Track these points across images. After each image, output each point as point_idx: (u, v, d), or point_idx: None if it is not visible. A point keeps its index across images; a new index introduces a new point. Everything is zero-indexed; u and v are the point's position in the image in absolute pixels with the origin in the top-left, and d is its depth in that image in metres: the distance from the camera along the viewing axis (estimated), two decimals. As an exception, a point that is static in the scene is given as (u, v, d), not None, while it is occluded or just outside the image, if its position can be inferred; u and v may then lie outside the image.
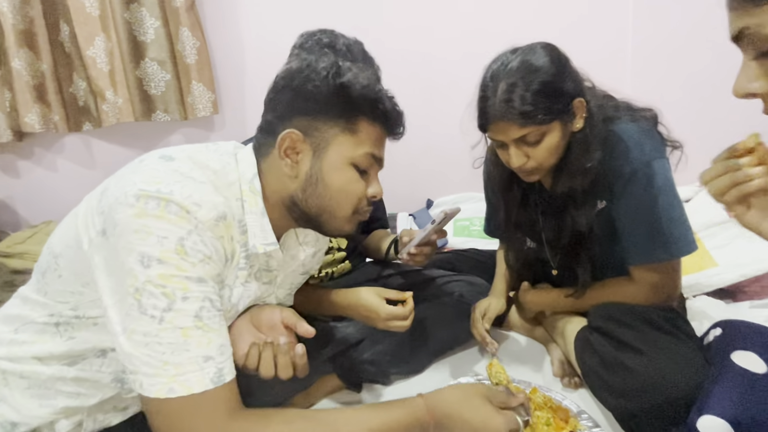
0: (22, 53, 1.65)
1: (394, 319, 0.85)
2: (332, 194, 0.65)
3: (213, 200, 0.56)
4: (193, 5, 1.69)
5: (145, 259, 0.51)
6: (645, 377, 0.72)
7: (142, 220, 0.51)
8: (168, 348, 0.51)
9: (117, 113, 1.74)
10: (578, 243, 0.88)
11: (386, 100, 0.67)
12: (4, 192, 1.85)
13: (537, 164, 0.81)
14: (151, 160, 0.58)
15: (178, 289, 0.52)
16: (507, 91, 0.77)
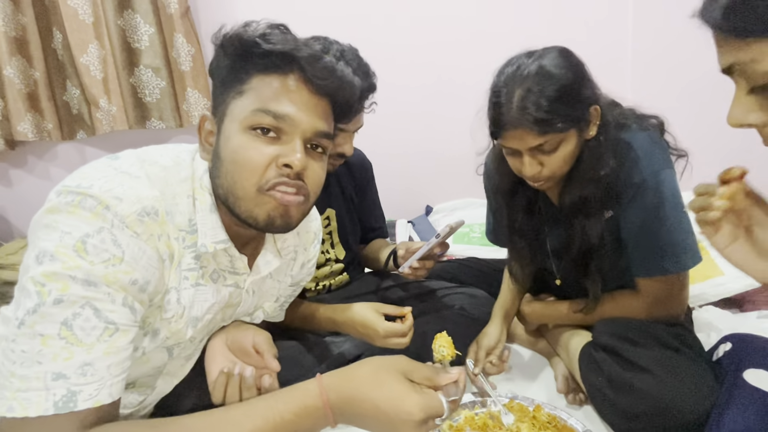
0: (14, 61, 1.63)
1: (393, 336, 0.82)
2: (227, 168, 0.55)
3: (140, 194, 0.51)
4: (188, 12, 1.67)
5: (40, 255, 0.46)
6: (654, 399, 0.69)
7: (53, 216, 0.48)
8: (20, 357, 0.44)
9: (111, 121, 1.72)
10: (586, 254, 0.85)
11: (269, 40, 0.54)
12: (-3, 201, 1.82)
13: (550, 173, 0.78)
14: (99, 160, 0.55)
15: (55, 290, 0.45)
16: (523, 98, 0.72)
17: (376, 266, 1.17)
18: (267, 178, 0.54)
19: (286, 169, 0.54)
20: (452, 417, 0.80)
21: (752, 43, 0.38)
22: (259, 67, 0.55)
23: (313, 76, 0.55)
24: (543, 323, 1.04)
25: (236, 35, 0.55)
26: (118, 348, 0.48)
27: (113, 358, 0.47)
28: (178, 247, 0.56)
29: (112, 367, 0.47)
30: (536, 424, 0.80)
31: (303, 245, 0.78)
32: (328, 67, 0.56)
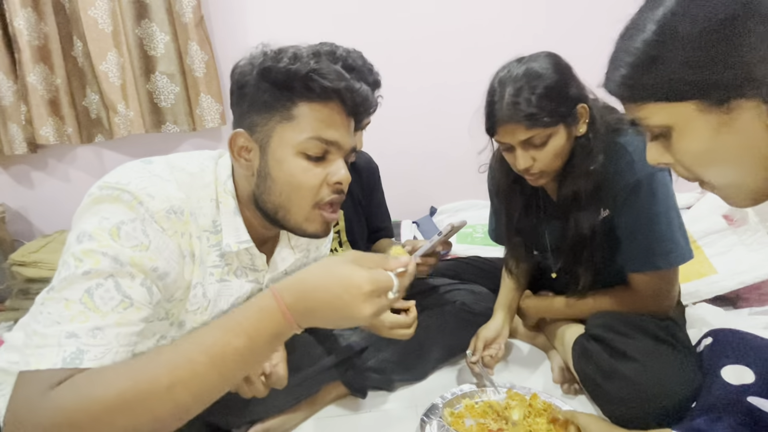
0: (37, 68, 1.71)
1: (398, 327, 0.87)
2: (281, 189, 0.62)
3: (170, 194, 0.57)
4: (202, 20, 1.74)
5: (81, 235, 0.52)
6: (640, 385, 0.74)
7: (96, 205, 0.54)
8: (44, 318, 0.48)
9: (128, 125, 1.79)
10: (580, 246, 0.90)
11: (326, 73, 0.59)
12: (19, 203, 1.90)
13: (543, 167, 0.84)
14: (133, 162, 0.61)
15: (87, 263, 0.49)
16: (514, 95, 0.80)
17: None
18: (321, 196, 0.63)
19: (337, 185, 0.63)
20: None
21: (642, 106, 0.47)
22: (305, 96, 0.61)
23: (351, 104, 0.63)
24: (541, 318, 1.08)
25: (286, 70, 0.59)
26: (129, 321, 0.51)
27: (123, 329, 0.50)
28: (200, 246, 0.61)
29: (120, 336, 0.50)
30: (532, 412, 0.85)
31: (316, 243, 0.84)
32: (363, 95, 0.64)
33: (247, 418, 0.85)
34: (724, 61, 0.41)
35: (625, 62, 0.46)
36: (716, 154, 0.45)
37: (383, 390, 1.01)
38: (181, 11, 1.71)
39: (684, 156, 0.48)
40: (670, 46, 0.43)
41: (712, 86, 0.42)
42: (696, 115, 0.44)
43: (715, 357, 0.74)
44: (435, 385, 1.03)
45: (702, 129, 0.44)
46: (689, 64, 0.42)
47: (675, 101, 0.45)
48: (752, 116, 0.42)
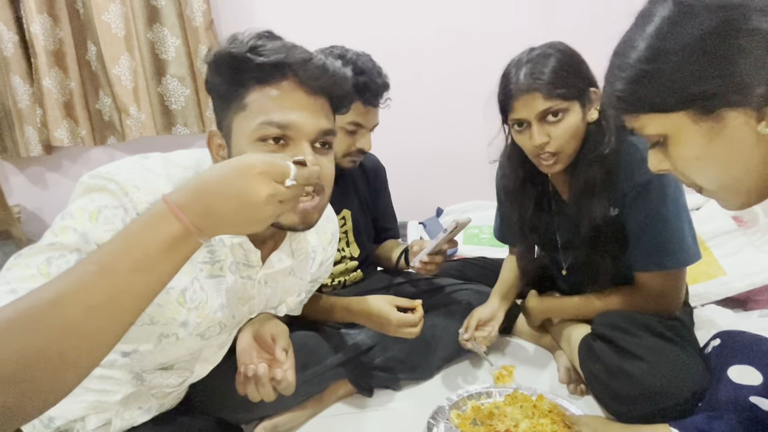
0: (52, 72, 1.75)
1: (405, 326, 0.88)
2: None
3: (156, 188, 0.55)
4: (212, 24, 1.77)
5: (64, 214, 0.54)
6: (646, 384, 0.74)
7: (83, 190, 0.56)
8: (0, 279, 0.48)
9: (140, 127, 1.83)
10: (593, 240, 0.90)
11: (267, 49, 0.56)
12: (34, 203, 1.95)
13: (558, 145, 0.83)
14: (131, 157, 0.61)
15: (56, 236, 0.50)
16: (531, 68, 0.82)
17: (387, 265, 1.24)
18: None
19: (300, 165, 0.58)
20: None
21: (638, 117, 0.50)
22: (255, 79, 0.57)
23: (307, 79, 0.57)
24: (547, 318, 1.09)
25: (227, 53, 0.57)
26: None
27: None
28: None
29: None
30: (536, 413, 0.86)
31: (321, 245, 0.84)
32: (319, 66, 0.58)
33: (256, 415, 0.86)
34: (711, 73, 0.44)
35: (620, 78, 0.49)
36: (708, 160, 0.48)
37: (390, 389, 1.02)
38: (191, 15, 1.74)
39: (679, 162, 0.50)
40: (660, 61, 0.46)
41: (701, 97, 0.45)
42: (688, 124, 0.47)
43: (722, 358, 0.74)
44: (441, 384, 1.04)
45: (694, 137, 0.47)
46: (679, 77, 0.45)
47: (668, 112, 0.47)
48: (740, 124, 0.44)
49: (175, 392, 0.75)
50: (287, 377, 0.65)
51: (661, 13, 0.46)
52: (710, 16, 0.43)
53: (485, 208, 1.90)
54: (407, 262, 1.12)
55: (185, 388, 0.79)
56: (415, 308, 0.90)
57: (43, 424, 0.66)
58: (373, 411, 0.97)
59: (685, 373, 0.73)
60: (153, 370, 0.69)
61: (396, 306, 0.90)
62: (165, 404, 0.75)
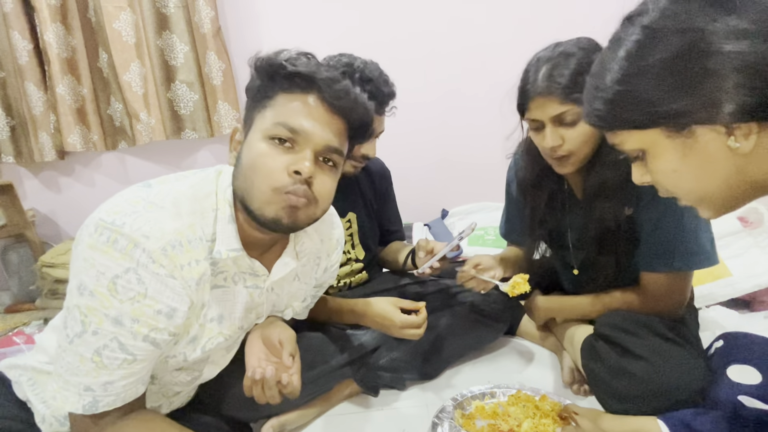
0: (65, 79, 1.79)
1: (409, 327, 0.90)
2: (245, 171, 0.62)
3: (163, 229, 0.58)
4: (219, 31, 1.80)
5: (82, 287, 0.56)
6: (647, 383, 0.74)
7: (91, 252, 0.56)
8: (66, 365, 0.58)
9: (150, 132, 1.86)
10: (605, 240, 0.89)
11: (301, 63, 0.62)
12: (48, 207, 1.99)
13: (571, 148, 0.82)
14: (133, 188, 0.63)
15: (94, 323, 0.56)
16: (550, 69, 0.80)
17: (393, 267, 1.25)
18: (281, 183, 0.60)
19: (296, 175, 0.60)
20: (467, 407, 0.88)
21: (617, 133, 0.53)
22: (284, 86, 0.63)
23: (329, 96, 0.62)
24: (551, 318, 1.09)
25: (268, 58, 0.64)
26: (134, 372, 0.60)
27: (130, 378, 0.60)
28: (204, 267, 0.62)
29: (128, 385, 0.60)
30: (537, 413, 0.86)
31: (326, 251, 0.85)
32: (343, 88, 0.63)
33: (264, 413, 0.88)
34: (680, 93, 0.46)
35: (598, 98, 0.52)
36: (684, 173, 0.50)
37: (395, 389, 1.03)
38: (199, 22, 1.77)
39: (657, 175, 0.53)
40: (632, 83, 0.49)
41: (672, 115, 0.47)
42: (663, 139, 0.49)
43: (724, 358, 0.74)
44: (445, 385, 1.05)
45: (669, 151, 0.50)
46: (650, 97, 0.47)
47: (643, 128, 0.50)
48: (711, 139, 0.46)
49: (184, 391, 0.77)
50: (293, 382, 0.67)
51: (631, 37, 0.48)
52: (676, 40, 0.45)
53: (490, 210, 1.91)
54: (414, 263, 1.14)
55: (194, 388, 0.81)
56: (418, 310, 0.91)
57: (59, 423, 0.69)
58: (378, 410, 0.98)
59: (686, 373, 0.74)
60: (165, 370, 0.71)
61: (400, 307, 0.91)
62: (175, 402, 0.78)
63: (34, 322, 1.62)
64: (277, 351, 0.72)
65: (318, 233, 0.82)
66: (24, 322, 1.63)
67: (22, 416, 0.70)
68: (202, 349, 0.68)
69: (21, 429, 0.69)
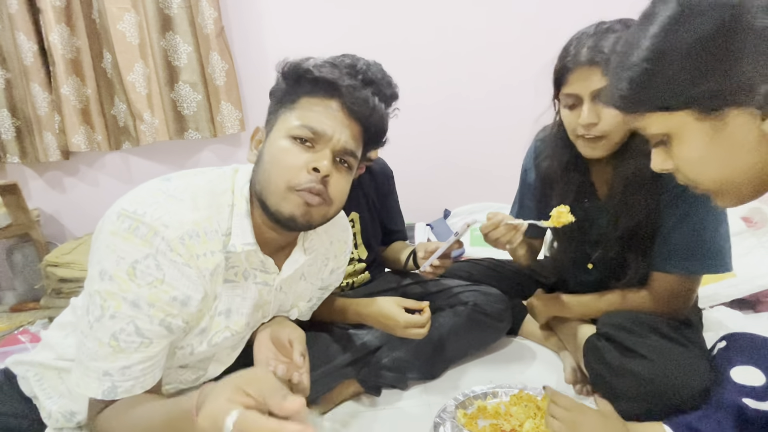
0: (70, 80, 1.81)
1: (413, 327, 0.90)
2: (265, 167, 0.65)
3: (182, 219, 0.60)
4: (222, 31, 1.81)
5: (102, 273, 0.58)
6: (650, 382, 0.74)
7: (112, 238, 0.58)
8: (87, 351, 0.60)
9: (153, 133, 1.87)
10: (625, 237, 0.87)
11: (327, 70, 0.66)
12: (52, 207, 2.01)
13: (606, 128, 0.79)
14: (154, 181, 0.65)
15: (112, 307, 0.57)
16: (595, 41, 0.76)
17: (396, 266, 1.25)
18: (299, 180, 0.63)
19: (314, 173, 0.63)
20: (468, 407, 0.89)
21: (642, 116, 0.51)
22: (308, 90, 0.66)
23: (350, 103, 0.66)
24: (553, 317, 1.09)
25: (295, 64, 0.67)
26: (150, 356, 0.61)
27: (147, 362, 0.60)
28: (219, 259, 0.64)
29: (145, 368, 0.61)
30: (539, 413, 0.86)
31: (334, 253, 0.86)
32: (362, 96, 0.67)
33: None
34: (714, 72, 0.44)
35: (624, 77, 0.49)
36: (710, 159, 0.48)
37: (397, 388, 1.04)
38: (203, 23, 1.78)
39: (681, 161, 0.50)
40: (663, 61, 0.46)
41: (704, 96, 0.45)
42: (691, 122, 0.47)
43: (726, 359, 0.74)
44: (448, 384, 1.05)
45: (698, 135, 0.47)
46: (682, 76, 0.45)
47: (671, 111, 0.48)
48: (743, 122, 0.44)
49: (189, 390, 0.78)
50: (303, 381, 0.69)
51: (665, 12, 0.46)
52: (714, 15, 0.42)
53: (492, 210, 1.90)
54: (416, 263, 1.14)
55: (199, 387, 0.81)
56: (422, 309, 0.91)
57: (65, 419, 0.69)
58: (380, 410, 0.99)
59: (689, 373, 0.74)
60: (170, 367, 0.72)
61: (404, 307, 0.92)
62: None
63: (38, 320, 1.63)
64: (286, 350, 0.73)
65: (328, 234, 0.83)
66: (29, 321, 1.64)
67: (28, 412, 0.71)
68: (209, 343, 0.69)
69: (27, 425, 0.70)
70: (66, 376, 0.71)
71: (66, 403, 0.70)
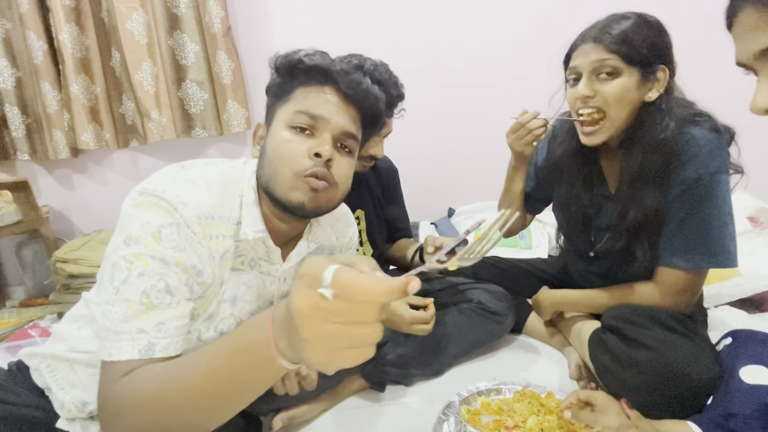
0: (79, 79, 1.83)
1: (417, 323, 0.91)
2: (270, 159, 0.67)
3: (200, 201, 0.62)
4: (229, 31, 1.82)
5: (127, 239, 0.58)
6: (656, 372, 0.74)
7: (136, 210, 0.59)
8: (114, 317, 0.56)
9: (161, 131, 1.89)
10: (631, 229, 0.88)
11: (318, 58, 0.67)
12: (61, 203, 2.03)
13: (602, 102, 0.82)
14: (171, 166, 0.67)
15: (140, 266, 0.57)
16: (606, 22, 0.82)
17: (401, 264, 1.26)
18: (303, 166, 0.65)
19: (317, 158, 0.65)
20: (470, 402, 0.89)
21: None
22: (302, 80, 0.68)
23: (344, 87, 0.67)
24: (557, 312, 1.09)
25: (286, 56, 0.69)
26: (182, 314, 0.59)
27: (179, 321, 0.59)
28: (228, 244, 0.65)
29: (179, 327, 0.59)
30: (542, 410, 0.87)
31: (340, 248, 0.87)
32: (356, 80, 0.68)
33: (274, 406, 0.90)
34: None
35: None
36: None
37: (401, 384, 1.05)
38: (210, 22, 1.80)
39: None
40: None
41: None
42: None
43: (733, 357, 0.74)
44: (452, 381, 1.06)
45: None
46: None
47: None
48: None
49: None
50: (311, 374, 0.70)
51: None
52: None
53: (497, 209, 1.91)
54: (422, 259, 1.15)
55: None
56: (427, 306, 0.92)
57: (78, 409, 0.71)
58: (385, 405, 1.00)
59: (693, 362, 0.74)
60: None
61: (409, 303, 0.93)
62: None
63: (48, 316, 1.66)
64: None
65: (333, 230, 0.84)
66: (38, 316, 1.67)
67: (41, 403, 0.72)
68: (215, 329, 0.70)
69: (40, 416, 0.71)
70: (78, 367, 0.72)
71: (78, 393, 0.71)
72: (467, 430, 0.83)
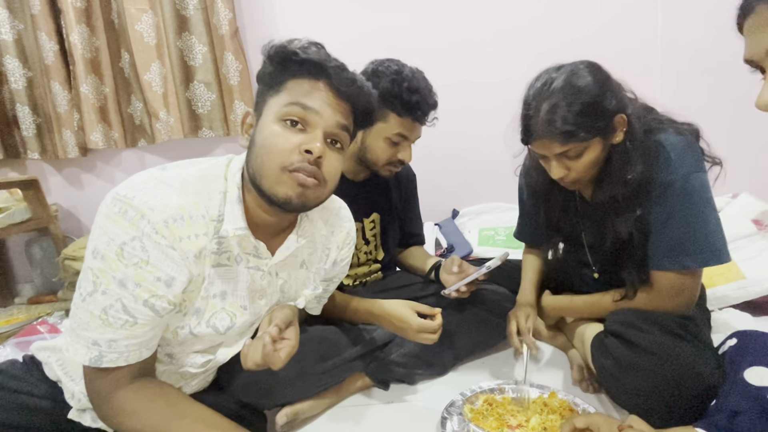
0: (89, 79, 1.86)
1: (424, 331, 0.91)
2: (258, 152, 0.66)
3: (167, 203, 0.62)
4: (237, 32, 1.85)
5: (95, 251, 0.61)
6: (658, 377, 0.75)
7: (105, 221, 0.61)
8: (78, 320, 0.63)
9: (169, 131, 1.92)
10: (621, 249, 0.90)
11: (312, 51, 0.66)
12: (70, 202, 2.06)
13: (577, 176, 0.86)
14: (151, 169, 0.67)
15: (103, 284, 0.61)
16: (550, 112, 0.80)
17: (412, 272, 1.25)
18: (291, 161, 0.64)
19: (307, 155, 0.64)
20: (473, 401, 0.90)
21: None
22: (296, 72, 0.67)
23: (338, 83, 0.67)
24: (561, 316, 1.10)
25: (281, 46, 0.68)
26: (135, 335, 0.63)
27: (132, 340, 0.64)
28: (204, 243, 0.65)
29: (130, 345, 0.64)
30: (545, 409, 0.88)
31: (336, 244, 0.86)
32: (349, 77, 0.68)
33: (278, 401, 0.91)
34: None
35: None
36: None
37: (405, 383, 1.05)
38: (218, 24, 1.82)
39: None
40: None
41: None
42: None
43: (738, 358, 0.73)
44: (455, 381, 1.06)
45: None
46: None
47: None
48: None
49: (200, 374, 0.80)
50: (277, 350, 0.69)
51: None
52: None
53: (501, 210, 1.91)
54: (437, 278, 1.15)
55: (212, 373, 0.84)
56: (435, 315, 0.92)
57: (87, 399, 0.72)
58: (388, 404, 1.00)
59: (696, 368, 0.74)
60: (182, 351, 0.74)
61: (417, 312, 0.93)
62: (194, 386, 0.81)
63: (56, 312, 1.68)
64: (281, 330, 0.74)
65: (328, 224, 0.84)
66: (47, 312, 1.69)
67: (53, 394, 0.74)
68: (207, 323, 0.71)
69: (52, 406, 0.73)
70: None
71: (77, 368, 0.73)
72: (471, 428, 0.83)
